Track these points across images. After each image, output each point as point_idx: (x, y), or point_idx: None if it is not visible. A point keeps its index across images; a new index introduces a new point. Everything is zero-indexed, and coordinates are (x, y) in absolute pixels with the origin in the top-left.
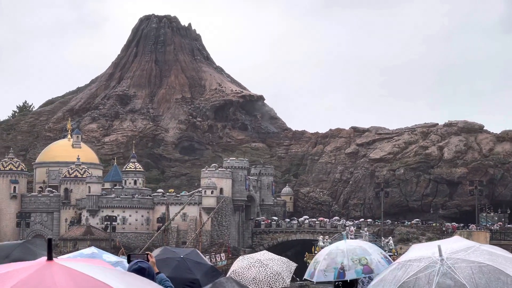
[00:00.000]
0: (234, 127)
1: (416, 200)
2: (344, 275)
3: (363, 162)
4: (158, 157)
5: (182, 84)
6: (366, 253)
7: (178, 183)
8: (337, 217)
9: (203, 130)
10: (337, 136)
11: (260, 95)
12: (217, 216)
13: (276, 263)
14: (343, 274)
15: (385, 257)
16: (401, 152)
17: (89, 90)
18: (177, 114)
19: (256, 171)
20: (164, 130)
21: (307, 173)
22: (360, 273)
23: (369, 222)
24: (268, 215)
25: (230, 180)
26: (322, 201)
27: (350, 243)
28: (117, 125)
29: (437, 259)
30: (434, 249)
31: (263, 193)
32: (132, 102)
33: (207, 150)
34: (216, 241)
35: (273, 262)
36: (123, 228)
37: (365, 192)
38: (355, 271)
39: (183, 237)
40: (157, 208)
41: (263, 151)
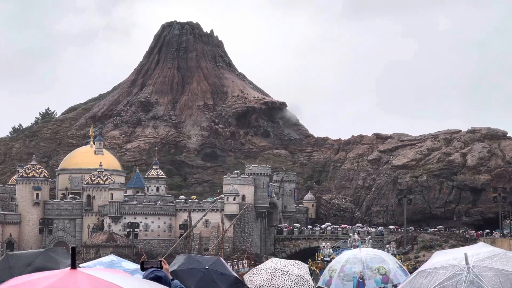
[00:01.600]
0: (257, 133)
1: (439, 207)
2: (364, 284)
3: (385, 168)
4: (180, 164)
5: (204, 91)
6: (384, 262)
7: (200, 189)
8: (360, 224)
9: (225, 137)
10: (360, 143)
11: (282, 102)
12: (239, 223)
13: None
14: (362, 283)
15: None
16: (424, 158)
17: (111, 97)
18: (199, 120)
19: (278, 177)
20: (186, 137)
21: (330, 179)
22: (379, 282)
23: (392, 229)
24: (290, 222)
25: (252, 187)
26: (344, 208)
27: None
28: (139, 131)
29: (463, 267)
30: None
31: (285, 200)
32: (154, 108)
33: (229, 156)
34: (239, 248)
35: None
36: (145, 234)
37: (388, 199)
38: (375, 280)
39: (205, 244)
40: (179, 215)
41: (285, 157)
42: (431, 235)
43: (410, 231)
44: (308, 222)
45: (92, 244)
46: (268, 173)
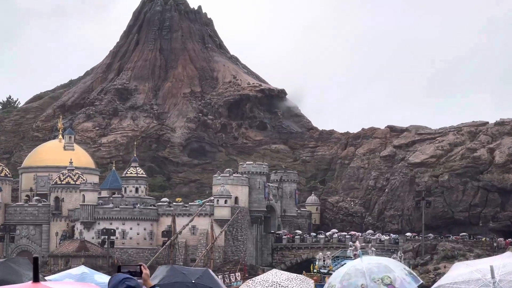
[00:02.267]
0: (251, 126)
1: (462, 211)
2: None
3: (401, 166)
4: (163, 161)
5: (191, 77)
6: (388, 270)
7: (187, 191)
8: (371, 230)
9: (215, 130)
10: (371, 137)
11: (281, 89)
12: (232, 230)
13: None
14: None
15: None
16: (445, 155)
17: (83, 84)
18: (185, 111)
19: (277, 177)
20: (170, 130)
21: (336, 179)
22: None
23: (408, 236)
24: (290, 228)
25: (246, 188)
26: (353, 212)
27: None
28: (116, 124)
29: (489, 282)
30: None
31: (285, 203)
32: (133, 97)
33: (219, 152)
34: (231, 258)
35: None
36: (122, 243)
37: (404, 202)
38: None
39: (192, 254)
40: (162, 220)
41: (284, 154)
42: (453, 244)
43: (429, 239)
44: (311, 229)
45: (60, 254)
46: (265, 172)
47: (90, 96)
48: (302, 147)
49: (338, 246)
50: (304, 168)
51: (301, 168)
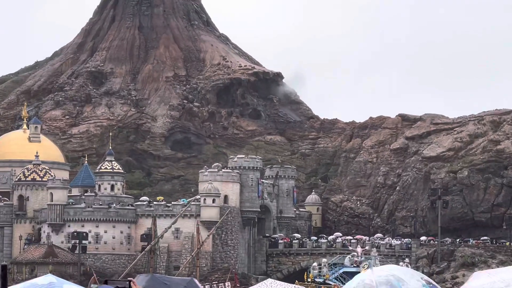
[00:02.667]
0: (243, 114)
1: (484, 212)
2: None
3: (414, 161)
4: (143, 154)
5: (174, 58)
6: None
7: (169, 188)
8: (380, 234)
9: (202, 119)
10: (380, 127)
11: (277, 73)
12: (221, 233)
13: None
14: None
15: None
16: (464, 148)
17: (51, 66)
18: (167, 97)
19: (273, 172)
20: (151, 119)
21: (340, 175)
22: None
23: (422, 241)
24: (288, 231)
25: (237, 185)
26: (360, 213)
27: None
28: (89, 112)
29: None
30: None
31: (281, 203)
32: (108, 81)
33: (207, 145)
34: (220, 266)
35: None
36: (96, 248)
37: (417, 202)
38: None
39: (176, 261)
40: (141, 222)
41: (281, 146)
42: (473, 249)
43: (446, 243)
44: (311, 232)
45: (25, 260)
46: (259, 167)
47: (59, 80)
48: (301, 138)
49: (342, 252)
50: (303, 162)
51: (300, 162)
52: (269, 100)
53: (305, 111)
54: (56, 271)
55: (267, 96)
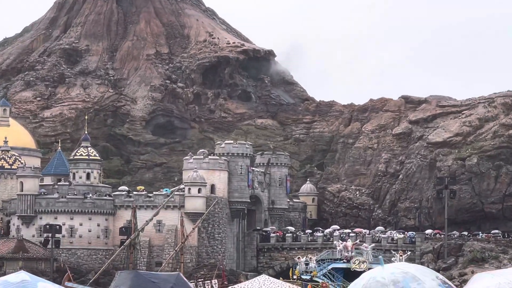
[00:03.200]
0: (232, 96)
1: (495, 203)
2: None
3: (418, 147)
4: (122, 140)
5: (156, 34)
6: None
7: (151, 177)
8: (381, 227)
9: (187, 101)
10: (381, 110)
11: (269, 50)
12: (207, 226)
13: None
14: None
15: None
16: (473, 133)
17: (21, 43)
18: (148, 77)
19: (264, 160)
20: (130, 101)
21: (338, 163)
22: None
23: (428, 234)
24: (280, 224)
25: (225, 173)
26: (359, 204)
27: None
28: (62, 93)
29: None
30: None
31: (273, 193)
32: (83, 60)
33: (192, 129)
34: (206, 262)
35: None
36: (70, 242)
37: (422, 191)
38: None
39: (158, 256)
40: (120, 214)
41: (273, 131)
42: (483, 243)
43: (453, 237)
44: (306, 225)
45: None
46: (249, 154)
47: (30, 58)
48: (295, 122)
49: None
50: (297, 148)
51: (293, 148)
52: (260, 80)
53: (300, 93)
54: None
55: (258, 76)
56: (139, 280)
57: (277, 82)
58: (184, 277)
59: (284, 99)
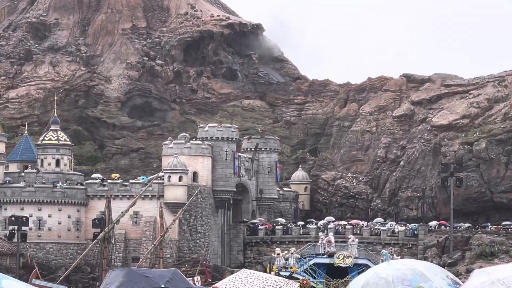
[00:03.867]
0: (216, 74)
1: (505, 192)
2: None
3: (421, 130)
4: (95, 123)
5: (132, 6)
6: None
7: (126, 164)
8: (381, 218)
9: (166, 80)
10: (381, 89)
11: (257, 24)
12: (189, 217)
13: None
14: None
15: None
16: (481, 114)
17: None
18: (124, 54)
19: (251, 144)
20: (104, 80)
21: (333, 148)
22: None
23: (431, 226)
24: (270, 215)
25: (209, 160)
26: (356, 193)
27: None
28: (29, 71)
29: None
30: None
31: (262, 181)
32: (53, 35)
33: (172, 111)
34: (187, 257)
35: None
36: (38, 235)
37: (425, 179)
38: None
39: (134, 251)
40: (93, 205)
41: (261, 112)
42: (492, 236)
43: (459, 229)
44: (298, 216)
45: None
46: (235, 138)
47: None
48: (286, 103)
49: (336, 239)
50: (288, 132)
51: (284, 132)
52: (247, 57)
53: (291, 71)
54: None
55: (245, 53)
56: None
57: (266, 59)
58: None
59: (273, 77)
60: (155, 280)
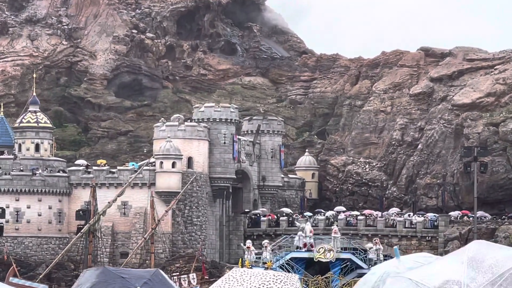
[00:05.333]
0: (212, 48)
1: None
2: None
3: (441, 110)
4: (78, 103)
5: None
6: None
7: (114, 148)
8: (397, 208)
9: (158, 55)
10: (396, 65)
11: None
12: (183, 208)
13: None
14: None
15: None
16: (508, 92)
17: None
18: (111, 26)
19: (253, 126)
20: (89, 55)
21: (343, 130)
22: None
23: (453, 216)
24: (273, 205)
25: (205, 144)
26: (369, 180)
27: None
28: (5, 46)
29: None
30: None
31: (264, 167)
32: (31, 5)
33: (164, 89)
34: (182, 252)
35: None
36: (16, 229)
37: (446, 165)
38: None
39: (123, 245)
40: (77, 194)
41: (264, 91)
42: None
43: (484, 220)
44: (304, 207)
45: None
46: (234, 119)
47: None
48: (291, 80)
49: (347, 232)
50: (294, 113)
51: (289, 113)
52: (247, 29)
53: (296, 44)
54: None
55: (245, 24)
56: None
57: (268, 32)
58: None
59: (277, 52)
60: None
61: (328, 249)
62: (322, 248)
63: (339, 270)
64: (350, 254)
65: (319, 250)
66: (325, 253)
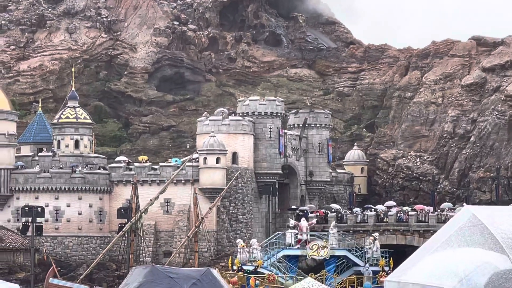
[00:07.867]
0: (257, 40)
1: None
2: None
3: (494, 101)
4: (118, 98)
5: None
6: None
7: (156, 144)
8: (449, 203)
9: (200, 47)
10: (447, 55)
11: None
12: (228, 205)
13: None
14: None
15: None
16: None
17: None
18: (151, 18)
19: (299, 120)
20: (129, 48)
21: (393, 122)
22: None
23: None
24: (321, 201)
25: (251, 138)
26: (420, 174)
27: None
28: (43, 40)
29: None
30: None
31: (311, 162)
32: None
33: (207, 83)
34: (227, 251)
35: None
36: (55, 228)
37: (500, 157)
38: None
39: (166, 244)
40: (118, 191)
41: (310, 83)
42: None
43: None
44: (353, 202)
45: None
46: (280, 113)
47: None
48: (338, 72)
49: (397, 229)
50: (341, 105)
51: (336, 105)
52: (292, 19)
53: (343, 35)
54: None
55: (290, 15)
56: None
57: (314, 22)
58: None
59: (323, 43)
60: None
61: (322, 246)
62: (316, 245)
63: (334, 268)
64: (346, 251)
65: (313, 247)
66: (318, 250)
